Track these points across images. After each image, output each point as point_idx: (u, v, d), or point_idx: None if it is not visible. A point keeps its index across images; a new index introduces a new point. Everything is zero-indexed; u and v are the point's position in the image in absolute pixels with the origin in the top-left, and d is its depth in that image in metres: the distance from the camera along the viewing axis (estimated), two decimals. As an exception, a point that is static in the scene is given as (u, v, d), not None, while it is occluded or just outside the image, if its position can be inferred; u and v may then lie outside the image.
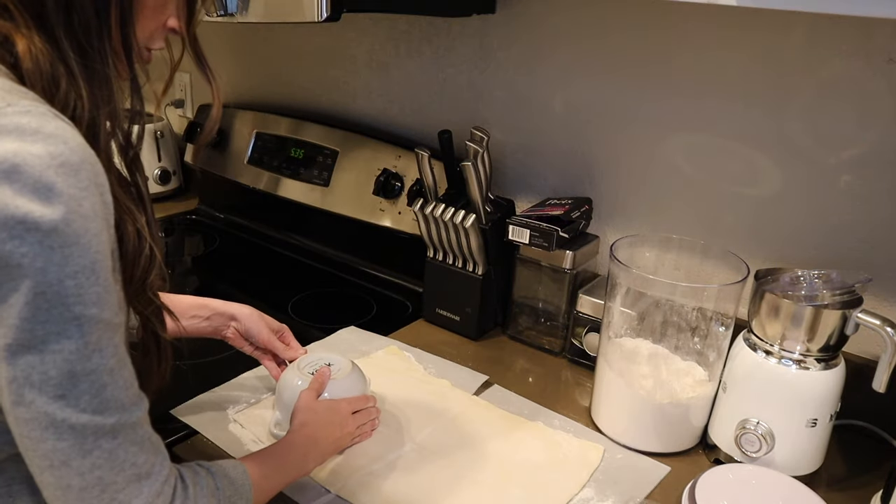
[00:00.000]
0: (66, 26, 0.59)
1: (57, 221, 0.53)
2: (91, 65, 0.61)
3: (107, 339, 0.57)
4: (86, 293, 0.55)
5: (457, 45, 1.33)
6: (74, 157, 0.54)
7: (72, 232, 0.53)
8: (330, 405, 0.91)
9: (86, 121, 0.60)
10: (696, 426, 0.97)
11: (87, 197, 0.55)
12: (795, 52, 1.00)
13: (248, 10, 1.01)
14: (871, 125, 0.96)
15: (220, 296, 1.02)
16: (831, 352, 0.88)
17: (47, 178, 0.52)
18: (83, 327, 0.55)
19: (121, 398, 0.59)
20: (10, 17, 0.59)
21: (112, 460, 0.58)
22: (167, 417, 0.96)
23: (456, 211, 1.16)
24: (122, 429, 0.59)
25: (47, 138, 0.54)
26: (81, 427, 0.56)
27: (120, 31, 0.62)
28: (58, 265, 0.53)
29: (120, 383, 0.59)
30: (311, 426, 0.86)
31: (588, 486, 0.89)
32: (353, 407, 0.93)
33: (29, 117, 0.54)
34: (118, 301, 0.59)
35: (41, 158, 0.53)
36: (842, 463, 0.97)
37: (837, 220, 1.02)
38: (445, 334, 1.24)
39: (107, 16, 0.61)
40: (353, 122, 1.54)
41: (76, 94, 0.60)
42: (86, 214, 0.54)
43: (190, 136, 1.68)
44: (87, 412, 0.56)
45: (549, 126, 1.26)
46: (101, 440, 0.58)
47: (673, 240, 1.04)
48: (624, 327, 1.01)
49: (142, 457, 0.60)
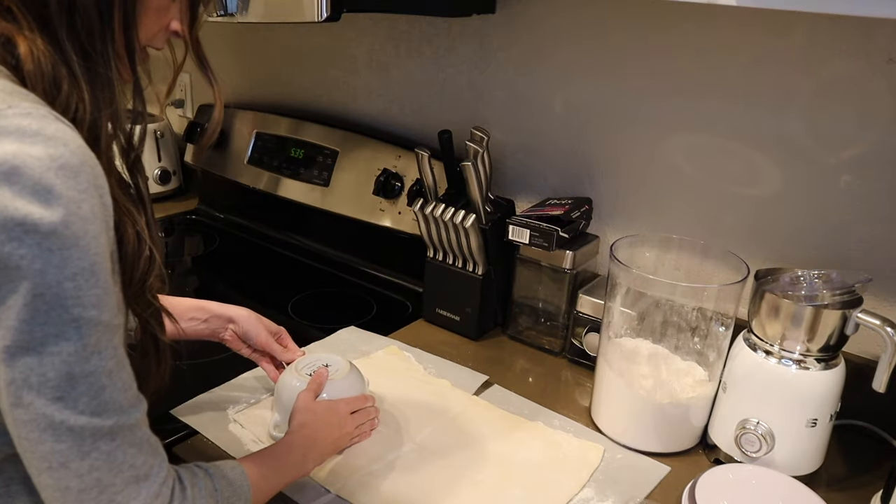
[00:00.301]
0: (69, 29, 0.59)
1: (56, 223, 0.53)
2: (93, 67, 0.61)
3: (105, 341, 0.57)
4: (85, 295, 0.55)
5: (457, 45, 1.33)
6: (74, 160, 0.54)
7: (71, 234, 0.53)
8: (328, 406, 0.90)
9: (87, 123, 0.60)
10: (696, 426, 0.97)
11: (87, 199, 0.55)
12: (795, 52, 1.00)
13: (248, 10, 1.01)
14: (871, 125, 0.96)
15: (220, 296, 1.02)
16: (831, 352, 0.88)
17: (47, 180, 0.52)
18: (82, 329, 0.55)
19: (119, 400, 0.59)
20: (12, 19, 0.59)
21: (110, 462, 0.58)
22: (167, 417, 0.96)
23: (456, 211, 1.16)
24: (121, 430, 0.59)
25: (47, 140, 0.54)
26: (80, 429, 0.56)
27: (123, 33, 0.62)
28: (57, 267, 0.53)
29: (118, 385, 0.59)
30: (310, 427, 0.86)
31: (588, 486, 0.89)
32: (352, 407, 0.93)
33: (29, 119, 0.54)
34: (117, 303, 0.59)
35: (41, 160, 0.53)
36: (842, 463, 0.97)
37: (837, 220, 1.02)
38: (445, 334, 1.24)
39: (110, 18, 0.60)
40: (353, 122, 1.54)
41: (78, 96, 0.60)
42: (85, 217, 0.54)
43: (190, 136, 1.68)
44: (86, 414, 0.56)
45: (549, 126, 1.26)
46: (99, 442, 0.57)
47: (673, 240, 1.04)
48: (624, 327, 1.01)
49: (140, 458, 0.60)
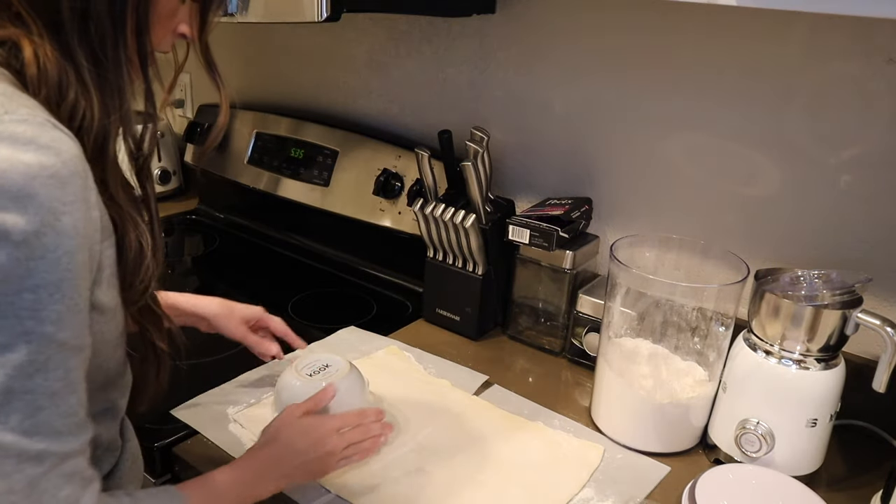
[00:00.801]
0: (81, 35, 0.58)
1: (28, 233, 0.51)
2: (104, 74, 0.60)
3: (57, 360, 0.55)
4: (44, 310, 0.53)
5: (457, 45, 1.33)
6: (65, 171, 0.53)
7: (40, 245, 0.52)
8: (312, 424, 0.84)
9: (94, 131, 0.59)
10: (696, 426, 0.97)
11: (70, 213, 0.53)
12: (795, 52, 1.00)
13: (248, 10, 1.01)
14: (871, 125, 0.96)
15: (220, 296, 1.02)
16: (831, 352, 0.88)
17: (30, 188, 0.52)
18: (32, 344, 0.53)
19: (56, 425, 0.55)
20: (22, 24, 0.58)
21: (31, 488, 0.54)
22: (167, 417, 0.96)
23: (456, 211, 1.16)
24: (50, 457, 0.55)
25: (40, 149, 0.53)
26: (5, 446, 0.53)
27: (136, 38, 0.61)
28: (19, 277, 0.52)
29: (61, 409, 0.56)
30: (276, 446, 0.81)
31: (588, 486, 0.89)
32: (343, 424, 0.86)
33: (25, 126, 0.53)
34: (82, 323, 0.57)
35: (29, 168, 0.52)
36: (842, 463, 0.97)
37: (837, 220, 1.02)
38: (445, 334, 1.24)
39: (123, 24, 0.60)
40: (353, 122, 1.54)
41: (86, 103, 0.59)
42: (62, 230, 0.53)
43: (190, 136, 1.68)
44: (16, 432, 0.53)
45: (549, 126, 1.26)
46: (24, 465, 0.54)
47: (673, 240, 1.04)
48: (624, 327, 1.01)
49: (65, 491, 0.56)
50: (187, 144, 1.73)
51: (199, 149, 1.67)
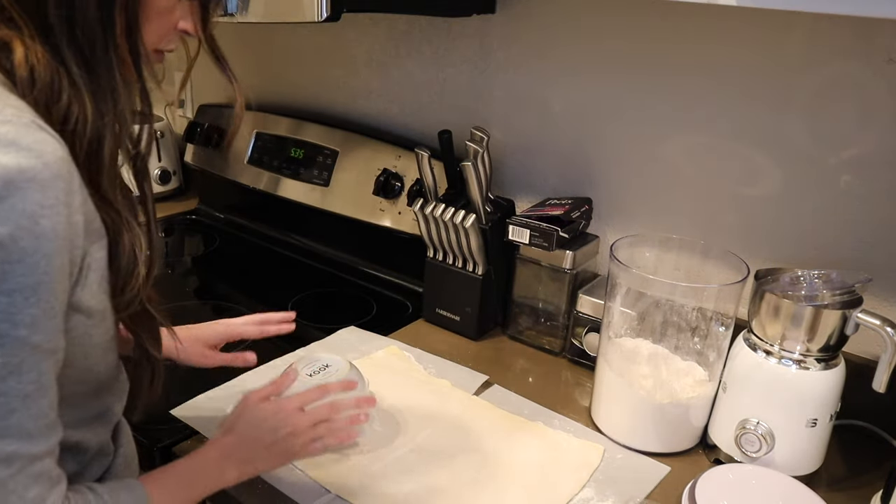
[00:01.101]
0: (70, 38, 0.58)
1: (4, 236, 0.51)
2: (95, 76, 0.59)
3: (31, 363, 0.55)
4: (19, 313, 0.53)
5: (457, 45, 1.33)
6: (46, 173, 0.53)
7: (17, 249, 0.52)
8: (269, 407, 0.82)
9: (88, 132, 0.59)
10: (696, 426, 0.97)
11: (49, 216, 0.53)
12: (795, 52, 1.00)
13: (248, 10, 1.01)
14: (871, 125, 0.96)
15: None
16: (831, 352, 0.88)
17: (6, 192, 0.51)
18: (6, 347, 0.53)
19: (27, 427, 0.56)
20: (14, 26, 0.58)
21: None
22: (167, 417, 0.96)
23: (456, 211, 1.16)
24: (19, 459, 0.55)
25: (21, 151, 0.52)
26: None
27: (126, 39, 0.61)
28: None
29: (32, 411, 0.56)
30: (236, 433, 0.79)
31: (588, 486, 0.89)
32: (305, 401, 0.83)
33: (9, 126, 0.53)
34: (56, 327, 0.57)
35: (8, 170, 0.51)
36: (842, 463, 0.97)
37: (837, 220, 1.02)
38: (445, 334, 1.24)
39: (112, 26, 0.59)
40: (353, 122, 1.54)
41: (79, 105, 0.58)
42: (40, 234, 0.53)
43: (190, 136, 1.68)
44: None
45: (549, 126, 1.26)
46: None
47: (673, 240, 1.04)
48: (624, 327, 1.01)
49: (33, 491, 0.56)
50: (187, 144, 1.73)
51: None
